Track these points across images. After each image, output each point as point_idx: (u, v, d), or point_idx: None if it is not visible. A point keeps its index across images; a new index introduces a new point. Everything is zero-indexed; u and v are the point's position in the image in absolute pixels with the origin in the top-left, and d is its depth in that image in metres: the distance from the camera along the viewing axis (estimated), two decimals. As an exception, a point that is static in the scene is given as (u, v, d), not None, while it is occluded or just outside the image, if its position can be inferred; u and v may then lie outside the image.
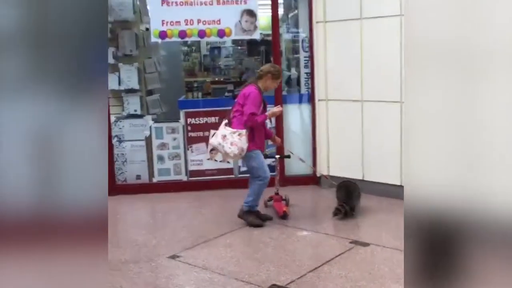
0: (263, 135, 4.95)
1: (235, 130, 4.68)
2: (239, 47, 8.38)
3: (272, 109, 5.01)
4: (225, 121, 4.82)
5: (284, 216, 5.04)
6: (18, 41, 1.85)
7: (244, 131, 4.67)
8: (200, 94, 8.73)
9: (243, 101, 4.71)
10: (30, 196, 1.88)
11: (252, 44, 7.93)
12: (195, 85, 8.88)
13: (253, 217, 4.85)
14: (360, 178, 5.76)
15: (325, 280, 3.72)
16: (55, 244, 1.88)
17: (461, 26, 1.77)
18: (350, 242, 4.39)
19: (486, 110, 1.75)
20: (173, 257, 4.23)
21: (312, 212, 5.61)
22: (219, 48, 8.54)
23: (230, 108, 4.95)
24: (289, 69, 6.65)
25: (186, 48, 8.52)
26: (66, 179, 1.91)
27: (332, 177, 5.97)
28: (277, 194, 5.27)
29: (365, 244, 4.34)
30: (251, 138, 4.72)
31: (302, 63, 6.23)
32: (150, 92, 6.84)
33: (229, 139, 4.64)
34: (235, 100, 4.89)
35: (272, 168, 5.33)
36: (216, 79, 7.86)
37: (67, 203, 1.90)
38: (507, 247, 1.71)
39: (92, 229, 1.91)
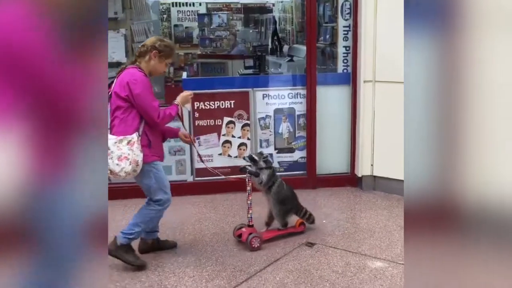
0: (161, 137, 3.55)
1: (121, 137, 3.24)
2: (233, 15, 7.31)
3: (181, 94, 3.57)
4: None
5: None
6: None
7: (135, 136, 3.25)
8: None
9: (126, 93, 3.26)
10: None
11: (248, 11, 6.96)
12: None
13: (132, 255, 3.46)
14: (417, 180, 4.61)
15: None
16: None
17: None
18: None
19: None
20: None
21: (369, 228, 4.09)
22: (209, 15, 7.44)
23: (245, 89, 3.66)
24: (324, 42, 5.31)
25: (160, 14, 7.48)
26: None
27: (378, 178, 4.80)
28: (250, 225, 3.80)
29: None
30: (145, 144, 3.32)
31: (340, 35, 4.91)
32: (138, 67, 5.41)
33: (115, 152, 3.20)
34: (109, 94, 3.33)
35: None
36: (193, 52, 6.78)
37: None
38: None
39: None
